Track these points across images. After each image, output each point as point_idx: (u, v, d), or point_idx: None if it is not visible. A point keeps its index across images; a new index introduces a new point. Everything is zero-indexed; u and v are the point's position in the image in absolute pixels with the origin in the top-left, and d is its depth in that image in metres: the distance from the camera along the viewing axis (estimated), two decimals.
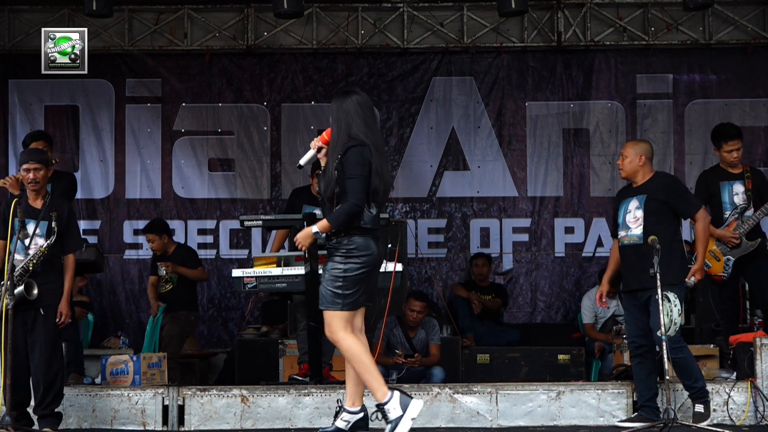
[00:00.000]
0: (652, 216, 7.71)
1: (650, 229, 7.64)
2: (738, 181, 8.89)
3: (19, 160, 8.12)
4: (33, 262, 7.64)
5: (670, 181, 8.00)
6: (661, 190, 7.78)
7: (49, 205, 7.84)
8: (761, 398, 8.25)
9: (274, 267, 8.74)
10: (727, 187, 8.88)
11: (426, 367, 9.75)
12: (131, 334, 11.14)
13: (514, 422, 8.30)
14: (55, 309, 7.77)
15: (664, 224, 7.70)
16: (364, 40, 11.74)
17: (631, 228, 7.78)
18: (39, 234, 7.74)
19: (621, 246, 7.87)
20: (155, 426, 8.35)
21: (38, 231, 7.74)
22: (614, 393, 8.33)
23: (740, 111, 11.64)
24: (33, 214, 7.78)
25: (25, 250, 7.70)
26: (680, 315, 7.50)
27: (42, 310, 7.67)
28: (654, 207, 7.72)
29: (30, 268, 7.64)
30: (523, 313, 11.91)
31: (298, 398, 8.35)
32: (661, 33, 11.69)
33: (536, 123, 12.01)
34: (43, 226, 7.76)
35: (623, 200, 7.91)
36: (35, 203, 7.87)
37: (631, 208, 7.81)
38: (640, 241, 7.71)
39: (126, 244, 11.95)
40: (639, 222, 7.74)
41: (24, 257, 7.68)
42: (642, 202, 7.76)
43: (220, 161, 12.04)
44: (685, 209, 7.86)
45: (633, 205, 7.81)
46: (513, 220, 11.99)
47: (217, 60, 11.94)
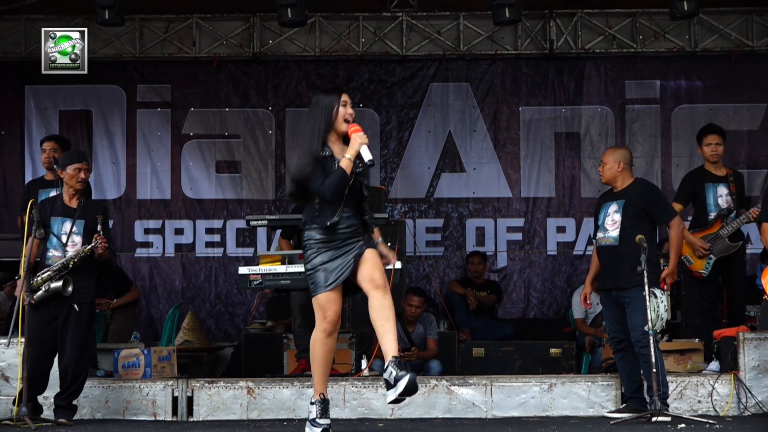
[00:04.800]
0: (630, 220, 7.72)
1: (627, 232, 7.65)
2: (722, 184, 8.91)
3: (64, 162, 7.93)
4: (74, 260, 7.63)
5: (648, 189, 8.00)
6: (640, 196, 7.80)
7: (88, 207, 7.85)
8: (744, 390, 8.27)
9: (279, 265, 8.74)
10: (711, 189, 8.90)
11: (424, 360, 9.75)
12: (142, 329, 11.15)
13: (508, 413, 8.31)
14: (87, 306, 7.79)
15: (640, 228, 7.69)
16: (364, 48, 11.75)
17: (609, 230, 7.80)
18: (76, 232, 7.72)
19: (598, 247, 7.90)
20: (165, 416, 8.36)
21: (75, 229, 7.72)
22: (603, 385, 8.36)
23: (724, 115, 11.66)
24: (69, 213, 7.77)
25: (63, 247, 7.70)
26: (666, 311, 7.53)
27: (76, 307, 7.67)
28: (632, 212, 7.74)
29: (70, 266, 7.63)
30: (517, 308, 11.93)
31: (302, 390, 8.37)
32: (649, 41, 11.71)
33: (529, 127, 12.03)
34: (80, 225, 7.74)
35: (604, 204, 7.94)
36: (71, 203, 7.84)
37: (611, 212, 7.82)
38: (616, 243, 7.73)
39: (137, 243, 11.96)
40: (617, 225, 7.76)
41: (61, 253, 7.68)
42: (621, 206, 7.77)
43: (227, 163, 12.05)
44: (660, 216, 7.87)
45: (612, 209, 7.83)
46: (507, 220, 12.00)
47: (224, 67, 11.96)
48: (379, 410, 7.98)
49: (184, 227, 11.95)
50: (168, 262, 11.96)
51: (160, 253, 11.93)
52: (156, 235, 11.99)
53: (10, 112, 11.99)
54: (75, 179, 7.79)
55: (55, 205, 7.80)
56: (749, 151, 11.81)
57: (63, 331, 7.69)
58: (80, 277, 7.66)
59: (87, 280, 7.75)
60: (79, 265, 7.64)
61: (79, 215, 7.76)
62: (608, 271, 7.78)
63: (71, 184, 7.82)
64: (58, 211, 7.77)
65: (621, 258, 7.60)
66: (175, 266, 11.95)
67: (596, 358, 10.22)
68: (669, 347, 8.63)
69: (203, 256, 11.97)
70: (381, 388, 8.13)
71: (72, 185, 7.82)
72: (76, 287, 7.61)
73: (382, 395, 8.00)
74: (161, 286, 11.91)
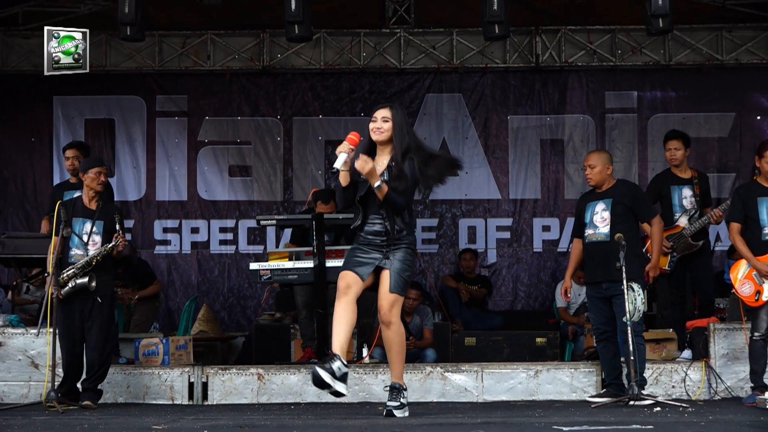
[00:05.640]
0: (619, 218, 7.75)
1: (616, 228, 7.69)
2: (687, 186, 8.88)
3: (85, 167, 7.97)
4: (97, 258, 7.68)
5: (633, 189, 8.10)
6: (627, 196, 7.84)
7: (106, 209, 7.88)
8: (714, 376, 8.28)
9: (287, 261, 8.76)
10: (677, 191, 8.87)
11: (420, 349, 9.75)
12: (161, 320, 11.15)
13: (498, 397, 8.32)
14: (108, 298, 7.85)
15: (627, 225, 7.76)
16: (365, 62, 11.75)
17: (599, 227, 7.81)
18: (96, 232, 7.77)
19: (588, 243, 7.87)
20: (182, 400, 8.37)
21: (95, 230, 7.76)
22: (585, 372, 8.37)
23: (696, 124, 11.66)
24: (89, 214, 7.81)
25: (84, 246, 7.73)
26: (643, 303, 7.54)
27: (99, 299, 7.73)
28: (620, 210, 7.77)
29: (93, 263, 7.69)
30: (506, 301, 11.92)
31: (308, 376, 8.33)
32: (627, 55, 11.70)
33: (517, 134, 12.02)
34: (99, 225, 7.79)
35: (588, 203, 7.94)
36: (90, 205, 7.88)
37: (598, 210, 7.83)
38: (607, 239, 7.74)
39: (156, 241, 11.96)
40: (606, 222, 7.77)
41: (83, 252, 7.72)
42: (609, 205, 7.79)
43: (239, 168, 12.04)
44: (644, 214, 7.93)
45: (600, 207, 7.83)
46: (496, 220, 11.99)
47: (236, 79, 11.96)
48: (378, 395, 7.97)
49: (199, 226, 11.94)
50: (185, 258, 11.96)
51: (178, 250, 11.93)
52: (174, 233, 11.99)
53: (40, 121, 11.98)
54: (96, 182, 7.85)
55: (76, 207, 7.85)
56: (719, 156, 11.81)
57: (89, 322, 7.76)
58: (101, 273, 7.74)
59: (107, 275, 7.83)
60: (100, 262, 7.70)
61: (98, 216, 7.82)
62: (599, 265, 7.76)
63: (92, 187, 7.86)
64: (79, 212, 7.82)
65: (612, 252, 7.60)
66: (191, 262, 11.95)
67: (578, 346, 10.22)
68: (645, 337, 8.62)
69: (217, 253, 11.97)
70: (381, 375, 8.15)
71: (93, 188, 7.86)
72: (98, 282, 7.68)
73: (381, 381, 8.01)
74: (178, 280, 11.91)
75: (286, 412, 7.26)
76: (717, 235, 10.37)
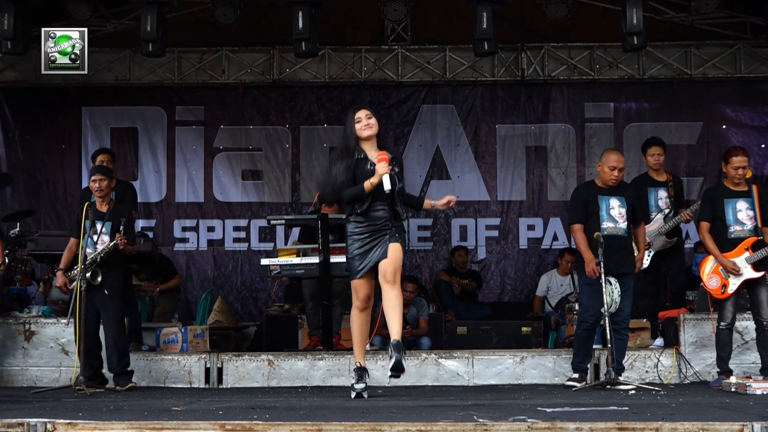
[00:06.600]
0: (630, 215, 7.73)
1: (628, 225, 7.69)
2: (663, 188, 8.85)
3: (89, 174, 8.18)
4: (101, 255, 7.73)
5: (636, 192, 8.08)
6: (633, 198, 7.83)
7: (116, 211, 7.90)
8: (684, 362, 8.27)
9: (295, 257, 8.75)
10: (653, 192, 8.85)
11: (416, 337, 9.74)
12: (179, 311, 11.13)
13: (487, 381, 8.32)
14: (116, 291, 7.87)
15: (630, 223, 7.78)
16: (366, 75, 11.74)
17: (618, 222, 7.67)
18: (105, 232, 7.81)
19: (608, 236, 7.54)
20: (199, 384, 8.37)
21: (104, 230, 7.81)
22: (567, 358, 8.33)
23: (667, 132, 11.61)
24: (100, 216, 7.87)
25: (94, 245, 7.76)
26: (619, 295, 7.50)
27: (106, 291, 7.76)
28: (630, 208, 7.74)
29: (98, 260, 7.72)
30: (494, 294, 11.90)
31: (314, 362, 8.37)
32: (605, 69, 11.69)
33: (504, 142, 12.00)
34: (108, 226, 7.84)
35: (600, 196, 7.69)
36: (101, 207, 7.96)
37: (615, 206, 7.69)
38: (625, 234, 7.67)
39: (176, 239, 11.94)
40: (624, 218, 7.68)
41: (93, 250, 7.74)
42: (623, 202, 7.70)
43: (251, 172, 12.03)
44: (641, 214, 7.99)
45: (615, 203, 7.69)
46: (486, 220, 11.98)
47: (248, 91, 11.94)
48: (378, 379, 7.96)
49: (215, 226, 11.93)
50: (201, 255, 11.94)
51: (195, 247, 11.91)
52: (191, 232, 11.97)
53: (69, 130, 11.97)
54: (93, 189, 7.97)
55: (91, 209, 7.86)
56: (688, 161, 11.80)
57: (104, 315, 7.82)
58: (108, 268, 7.78)
59: (114, 270, 7.86)
60: (106, 258, 7.75)
61: (107, 218, 7.88)
62: (616, 258, 7.54)
63: (93, 192, 7.99)
64: (93, 214, 7.82)
65: (627, 247, 7.63)
66: (208, 258, 11.93)
67: (560, 335, 10.21)
68: None
69: (231, 249, 11.95)
70: (380, 361, 8.13)
71: (94, 193, 7.99)
72: (104, 276, 7.71)
73: (381, 366, 8.00)
74: (196, 275, 11.89)
75: (294, 395, 7.25)
76: (687, 233, 10.37)
